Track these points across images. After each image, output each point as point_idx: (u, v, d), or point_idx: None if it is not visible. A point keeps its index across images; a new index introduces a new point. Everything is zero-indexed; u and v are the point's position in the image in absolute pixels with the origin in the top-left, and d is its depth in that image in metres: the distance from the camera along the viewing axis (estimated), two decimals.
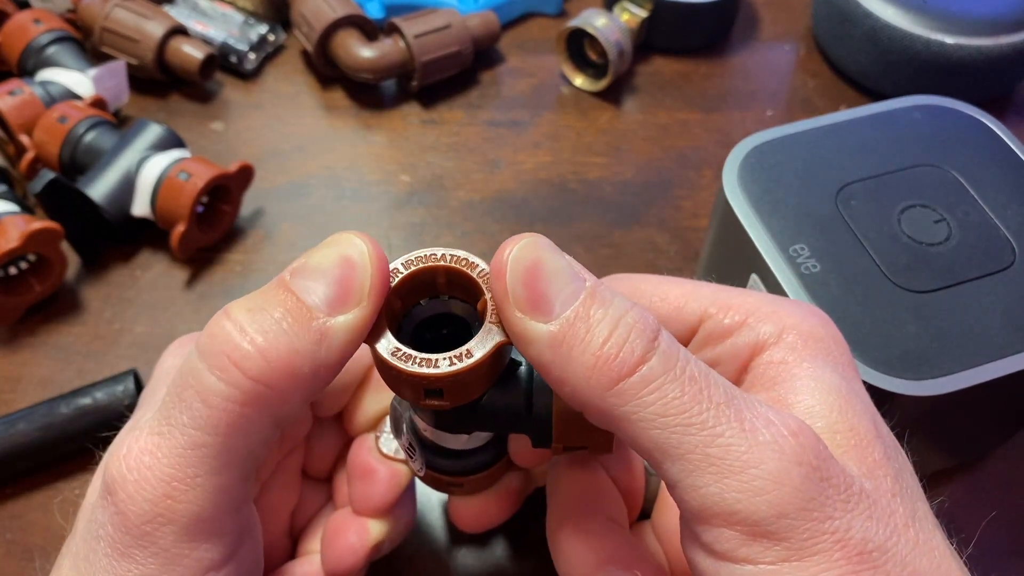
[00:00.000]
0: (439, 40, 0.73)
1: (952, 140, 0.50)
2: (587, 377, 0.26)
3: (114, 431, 0.35)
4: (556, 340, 0.26)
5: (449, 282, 0.30)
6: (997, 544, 0.53)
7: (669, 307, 0.33)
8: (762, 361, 0.30)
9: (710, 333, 0.32)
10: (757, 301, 0.31)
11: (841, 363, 0.30)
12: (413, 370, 0.28)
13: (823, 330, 0.31)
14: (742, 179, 0.48)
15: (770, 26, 0.84)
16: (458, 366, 0.28)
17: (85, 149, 0.64)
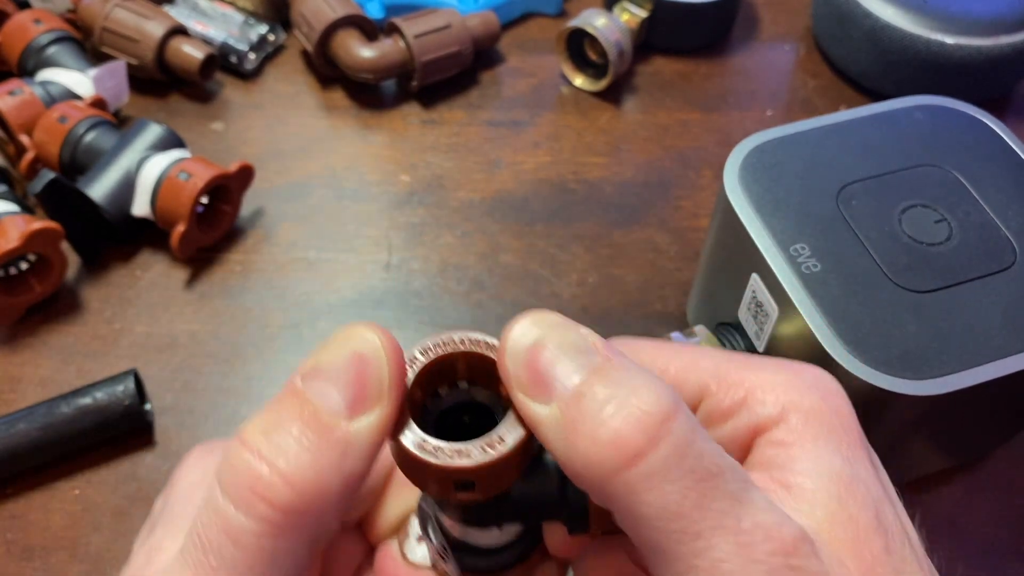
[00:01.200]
0: (439, 40, 0.73)
1: (953, 140, 0.50)
2: (585, 465, 0.24)
3: (114, 431, 0.34)
4: (556, 423, 0.24)
5: (469, 367, 0.29)
6: (997, 544, 0.53)
7: (668, 382, 0.30)
8: (762, 443, 0.29)
9: (710, 413, 0.30)
10: (758, 376, 0.29)
11: (846, 441, 0.28)
12: (444, 463, 0.26)
13: (826, 405, 0.28)
14: (743, 179, 0.48)
15: (770, 26, 0.84)
16: (491, 454, 0.26)
17: (85, 149, 0.64)
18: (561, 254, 0.66)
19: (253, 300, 0.63)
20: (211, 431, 0.57)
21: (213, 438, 0.56)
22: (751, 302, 0.48)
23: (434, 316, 0.62)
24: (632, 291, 0.64)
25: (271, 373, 0.60)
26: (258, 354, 0.61)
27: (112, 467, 0.55)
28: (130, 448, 0.56)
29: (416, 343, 0.28)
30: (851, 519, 0.26)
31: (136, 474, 0.55)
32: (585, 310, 0.62)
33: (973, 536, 0.53)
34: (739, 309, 0.49)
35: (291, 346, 0.61)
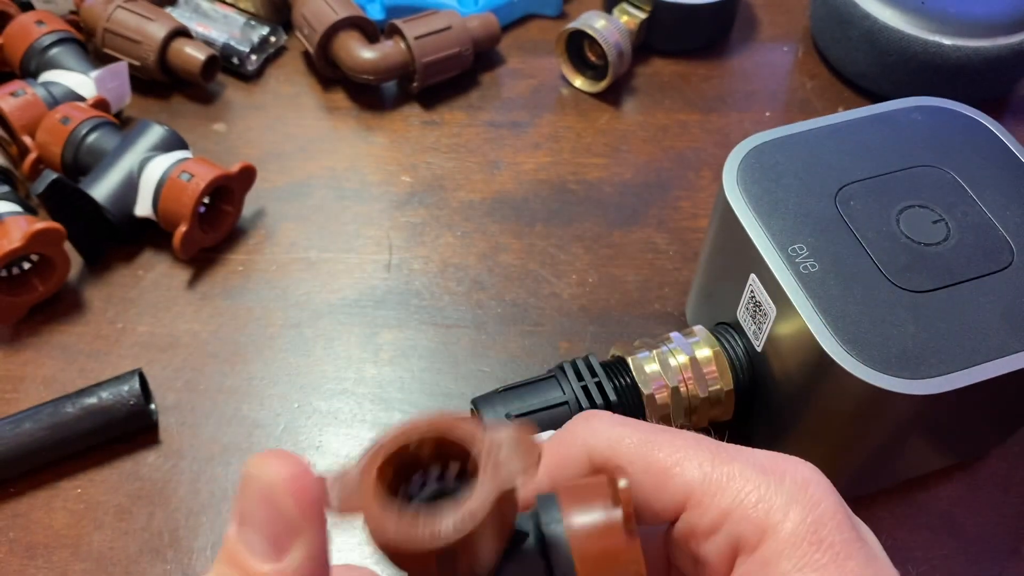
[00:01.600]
0: (440, 42, 0.74)
1: (951, 141, 0.51)
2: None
3: (119, 430, 0.34)
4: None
5: (437, 453, 0.27)
6: (995, 544, 0.53)
7: (653, 479, 0.30)
8: (745, 572, 0.28)
9: (693, 528, 0.30)
10: (741, 487, 0.29)
11: (828, 561, 0.27)
12: (419, 538, 0.25)
13: (808, 521, 0.28)
14: (742, 179, 0.49)
15: (768, 27, 0.84)
16: (463, 525, 0.25)
17: (87, 150, 0.65)
18: (561, 254, 0.66)
19: (254, 300, 0.64)
20: (213, 430, 0.57)
21: (215, 437, 0.57)
22: (749, 302, 0.48)
23: (434, 316, 0.63)
24: (631, 291, 0.64)
25: (272, 373, 0.60)
26: (259, 354, 0.61)
27: (115, 466, 0.56)
28: (133, 447, 0.56)
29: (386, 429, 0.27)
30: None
31: (139, 473, 0.55)
32: (584, 310, 0.63)
33: (971, 535, 0.53)
34: (738, 309, 0.50)
35: (292, 346, 0.61)
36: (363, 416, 0.58)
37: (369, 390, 0.59)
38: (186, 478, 0.55)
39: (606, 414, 0.32)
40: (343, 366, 0.60)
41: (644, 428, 0.31)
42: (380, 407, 0.58)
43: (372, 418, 0.58)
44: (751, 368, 0.50)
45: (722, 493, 0.29)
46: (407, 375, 0.60)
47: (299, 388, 0.59)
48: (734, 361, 0.50)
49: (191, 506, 0.54)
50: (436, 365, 0.60)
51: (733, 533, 0.28)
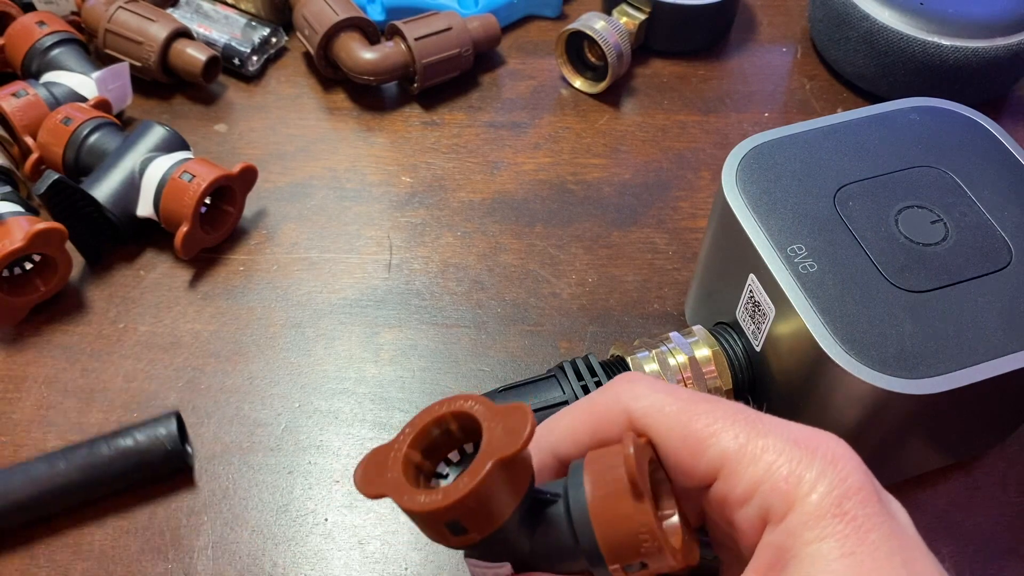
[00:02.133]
0: (440, 43, 0.74)
1: (949, 142, 0.51)
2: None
3: (154, 473, 0.35)
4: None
5: (461, 427, 0.31)
6: (994, 543, 0.53)
7: (690, 448, 0.31)
8: (771, 534, 0.29)
9: (726, 496, 0.31)
10: (771, 462, 0.30)
11: (852, 536, 0.28)
12: (422, 504, 0.28)
13: (834, 495, 0.29)
14: (741, 179, 0.49)
15: (767, 29, 0.85)
16: (459, 489, 0.28)
17: (89, 150, 0.65)
18: (560, 254, 0.66)
19: (256, 300, 0.64)
20: (214, 429, 0.57)
21: (216, 436, 0.57)
22: (748, 302, 0.48)
23: (435, 316, 0.63)
24: (631, 291, 0.64)
25: (273, 372, 0.60)
26: (260, 353, 0.61)
27: None
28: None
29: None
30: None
31: None
32: (584, 310, 0.63)
33: (970, 534, 0.53)
34: (736, 309, 0.50)
35: (293, 345, 0.61)
36: (364, 416, 0.58)
37: (370, 390, 0.59)
38: (187, 477, 0.55)
39: (648, 378, 0.33)
40: (344, 366, 0.61)
41: (683, 396, 0.32)
42: (381, 407, 0.59)
43: (373, 417, 0.58)
44: (750, 368, 0.50)
45: (754, 465, 0.30)
46: (407, 375, 0.60)
47: (300, 388, 0.59)
48: (733, 361, 0.50)
49: (192, 505, 0.54)
50: (436, 365, 0.61)
51: (763, 503, 0.29)
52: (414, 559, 0.52)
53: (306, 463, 0.56)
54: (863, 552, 0.28)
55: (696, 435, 0.31)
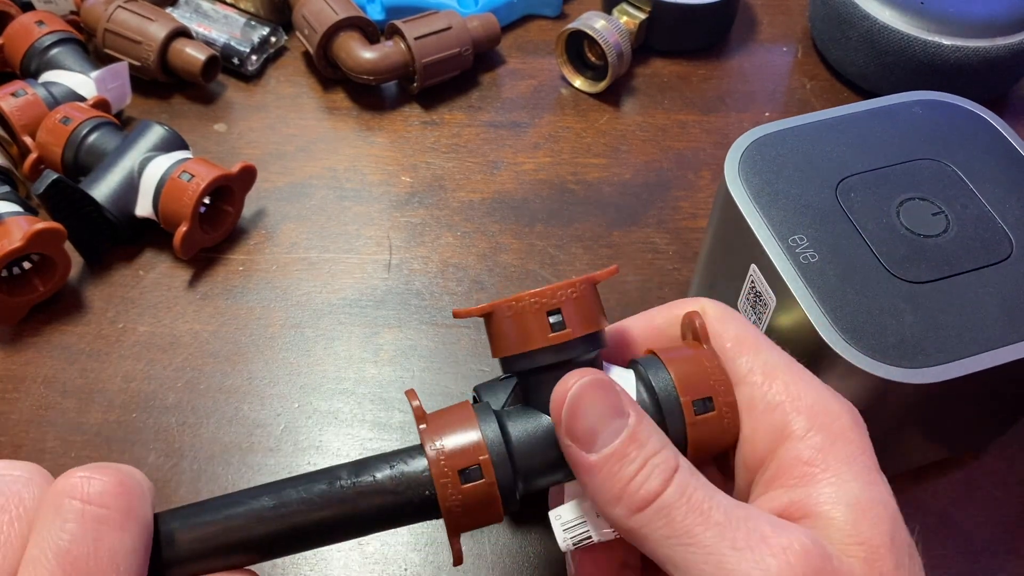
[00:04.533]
0: (440, 42, 0.74)
1: (951, 134, 0.51)
2: (614, 503, 0.31)
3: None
4: (595, 468, 0.31)
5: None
6: (994, 542, 0.53)
7: (734, 350, 0.36)
8: (789, 454, 0.32)
9: (750, 400, 0.35)
10: (797, 389, 0.34)
11: (864, 466, 0.32)
12: (530, 292, 0.33)
13: (850, 431, 0.33)
14: (743, 171, 0.49)
15: (768, 28, 0.84)
16: (564, 283, 0.34)
17: (88, 150, 0.65)
18: (560, 254, 0.66)
19: (255, 300, 0.64)
20: (213, 430, 0.57)
21: (215, 436, 0.57)
22: (750, 292, 0.48)
23: (435, 316, 0.63)
24: (631, 291, 0.64)
25: (273, 372, 0.60)
26: (260, 353, 0.61)
27: None
28: (130, 444, 0.56)
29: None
30: (864, 541, 0.30)
31: None
32: None
33: (969, 532, 0.53)
34: (738, 299, 0.50)
35: (293, 346, 0.61)
36: (363, 416, 0.58)
37: (369, 390, 0.59)
38: (187, 478, 0.55)
39: (738, 318, 0.37)
40: (343, 366, 0.60)
41: (776, 360, 0.35)
42: (380, 407, 0.58)
43: (372, 418, 0.58)
44: None
45: (780, 385, 0.34)
46: (407, 375, 0.60)
47: (299, 388, 0.59)
48: None
49: None
50: (436, 365, 0.60)
51: (783, 419, 0.33)
52: (414, 560, 0.52)
53: (306, 463, 0.56)
54: (874, 485, 0.32)
55: (738, 349, 0.36)
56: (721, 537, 0.29)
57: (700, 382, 0.34)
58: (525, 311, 0.33)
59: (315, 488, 0.33)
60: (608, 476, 0.31)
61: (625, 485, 0.31)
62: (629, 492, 0.31)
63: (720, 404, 0.34)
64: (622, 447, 0.31)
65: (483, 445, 0.33)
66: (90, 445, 0.56)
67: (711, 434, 0.34)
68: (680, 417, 0.34)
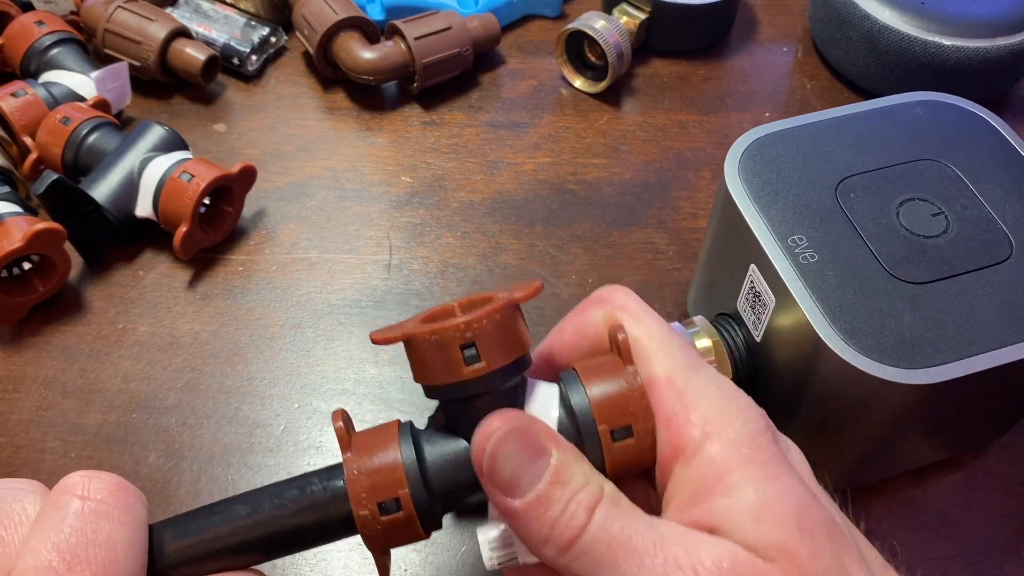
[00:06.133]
0: (440, 42, 0.74)
1: (951, 135, 0.51)
2: (542, 544, 0.31)
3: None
4: (520, 514, 0.31)
5: (465, 310, 0.35)
6: (994, 544, 0.53)
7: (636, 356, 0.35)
8: (686, 471, 0.32)
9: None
10: (693, 397, 0.33)
11: (759, 463, 0.32)
12: (442, 325, 0.31)
13: (745, 434, 0.32)
14: (743, 171, 0.49)
15: (768, 28, 0.84)
16: (480, 310, 0.32)
17: (88, 150, 0.65)
18: (560, 254, 0.66)
19: (255, 300, 0.64)
20: (213, 430, 0.57)
21: (215, 437, 0.57)
22: (749, 292, 0.48)
23: None
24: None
25: (273, 373, 0.60)
26: (260, 354, 0.61)
27: (116, 466, 0.56)
28: (131, 444, 0.56)
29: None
30: (775, 544, 0.30)
31: (139, 472, 0.55)
32: None
33: (968, 533, 0.53)
34: (738, 299, 0.50)
35: (293, 346, 0.61)
36: (363, 416, 0.58)
37: (369, 390, 0.59)
38: (187, 478, 0.55)
39: (643, 317, 0.37)
40: (343, 366, 0.60)
41: (672, 367, 0.34)
42: (380, 407, 0.58)
43: (372, 418, 0.58)
44: (750, 358, 0.50)
45: (677, 400, 0.33)
46: (407, 375, 0.59)
47: (299, 388, 0.59)
48: (733, 351, 0.50)
49: (191, 506, 0.53)
50: None
51: (679, 437, 0.33)
52: (414, 560, 0.52)
53: (305, 464, 0.56)
54: (772, 481, 0.31)
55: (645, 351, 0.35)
56: (640, 566, 0.30)
57: (618, 408, 0.33)
58: (439, 344, 0.32)
59: (287, 494, 0.34)
60: (534, 519, 0.31)
61: (551, 528, 0.31)
62: (555, 534, 0.31)
63: (639, 431, 0.33)
64: (546, 491, 0.31)
65: (402, 478, 0.33)
66: (90, 445, 0.56)
67: (629, 458, 0.34)
68: (598, 443, 0.33)
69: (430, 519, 0.34)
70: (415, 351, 0.33)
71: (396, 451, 0.33)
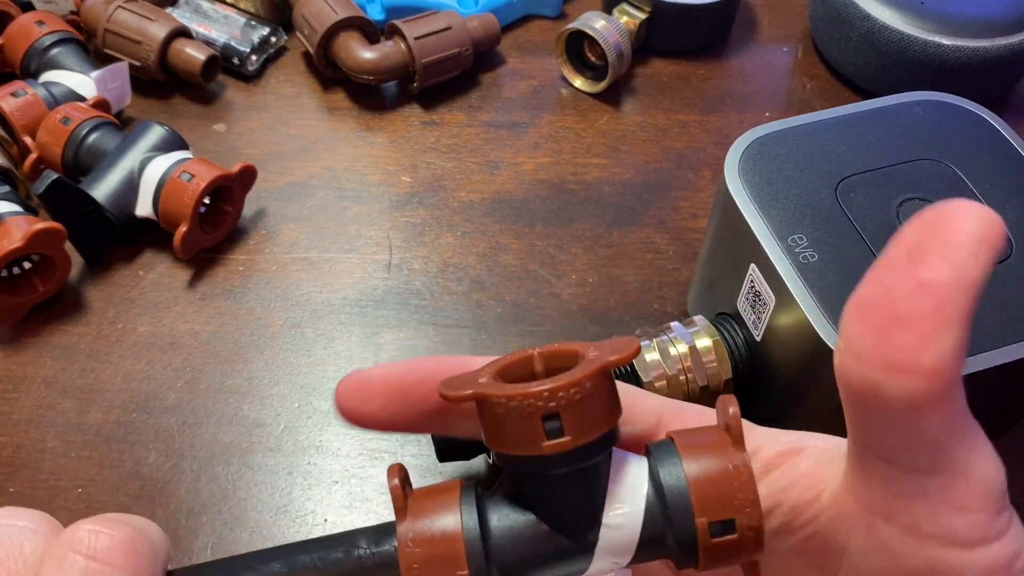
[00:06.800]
0: (440, 42, 0.74)
1: (952, 135, 0.51)
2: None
3: None
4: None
5: (547, 366, 0.29)
6: None
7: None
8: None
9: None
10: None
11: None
12: (523, 390, 0.26)
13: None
14: (743, 170, 0.49)
15: (768, 28, 0.84)
16: (568, 377, 0.26)
17: (88, 150, 0.65)
18: (560, 254, 0.66)
19: (255, 300, 0.64)
20: (213, 430, 0.57)
21: (215, 437, 0.57)
22: (749, 292, 0.48)
23: (435, 316, 0.63)
24: (631, 291, 0.64)
25: (273, 373, 0.60)
26: (260, 354, 0.61)
27: (116, 465, 0.56)
28: (130, 444, 0.56)
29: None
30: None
31: (139, 472, 0.55)
32: (584, 310, 0.63)
33: None
34: (738, 299, 0.50)
35: (293, 346, 0.61)
36: None
37: None
38: (187, 478, 0.55)
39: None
40: (344, 366, 0.60)
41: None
42: None
43: None
44: (750, 358, 0.50)
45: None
46: None
47: (299, 388, 0.59)
48: (733, 351, 0.50)
49: (191, 506, 0.54)
50: None
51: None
52: None
53: (306, 463, 0.56)
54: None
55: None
56: None
57: (721, 496, 0.28)
58: (517, 412, 0.27)
59: (330, 556, 0.29)
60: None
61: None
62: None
63: (743, 527, 0.28)
64: None
65: (462, 556, 0.28)
66: (90, 445, 0.56)
67: (726, 554, 0.28)
68: (693, 537, 0.28)
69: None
70: (487, 414, 0.28)
71: (457, 521, 0.29)
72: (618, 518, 0.29)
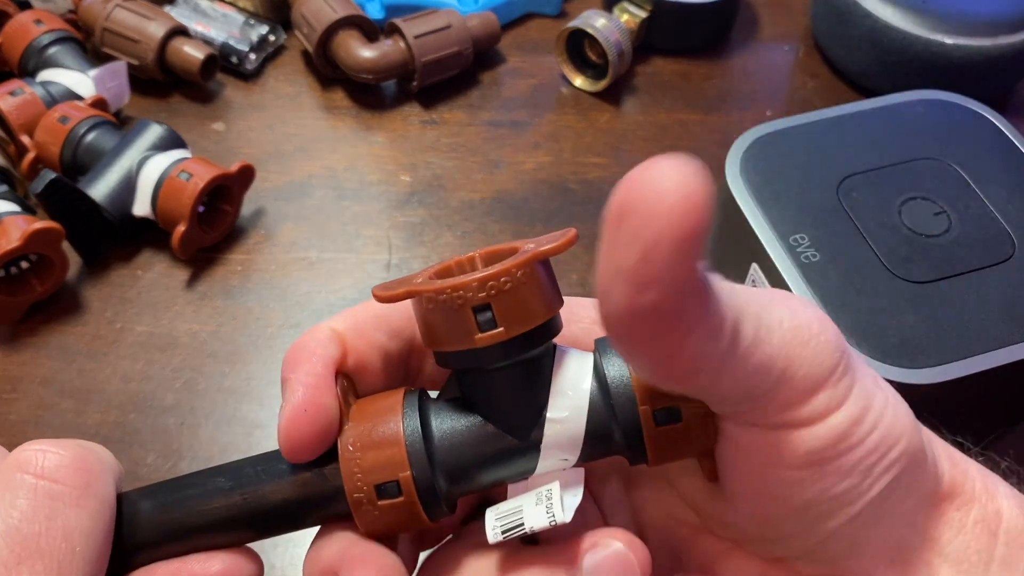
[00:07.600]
0: (439, 41, 0.73)
1: (954, 134, 0.51)
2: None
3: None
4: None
5: (487, 263, 0.29)
6: None
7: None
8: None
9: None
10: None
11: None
12: (452, 282, 0.26)
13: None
14: (745, 169, 0.49)
15: (769, 27, 0.84)
16: (496, 267, 0.26)
17: (86, 149, 0.65)
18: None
19: (254, 300, 0.63)
20: (212, 430, 0.57)
21: (214, 437, 0.56)
22: None
23: None
24: None
25: (272, 373, 0.60)
26: (259, 354, 0.61)
27: None
28: (128, 448, 0.56)
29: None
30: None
31: (138, 473, 0.55)
32: None
33: None
34: None
35: None
36: None
37: None
38: None
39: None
40: None
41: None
42: None
43: None
44: None
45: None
46: None
47: None
48: None
49: None
50: None
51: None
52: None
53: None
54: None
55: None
56: None
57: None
58: (448, 305, 0.26)
59: (273, 468, 0.29)
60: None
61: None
62: None
63: (689, 416, 0.28)
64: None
65: (404, 458, 0.28)
66: None
67: (675, 445, 0.28)
68: (637, 427, 0.28)
69: (435, 505, 0.28)
70: (421, 311, 0.28)
71: (398, 424, 0.28)
72: (562, 412, 0.28)
